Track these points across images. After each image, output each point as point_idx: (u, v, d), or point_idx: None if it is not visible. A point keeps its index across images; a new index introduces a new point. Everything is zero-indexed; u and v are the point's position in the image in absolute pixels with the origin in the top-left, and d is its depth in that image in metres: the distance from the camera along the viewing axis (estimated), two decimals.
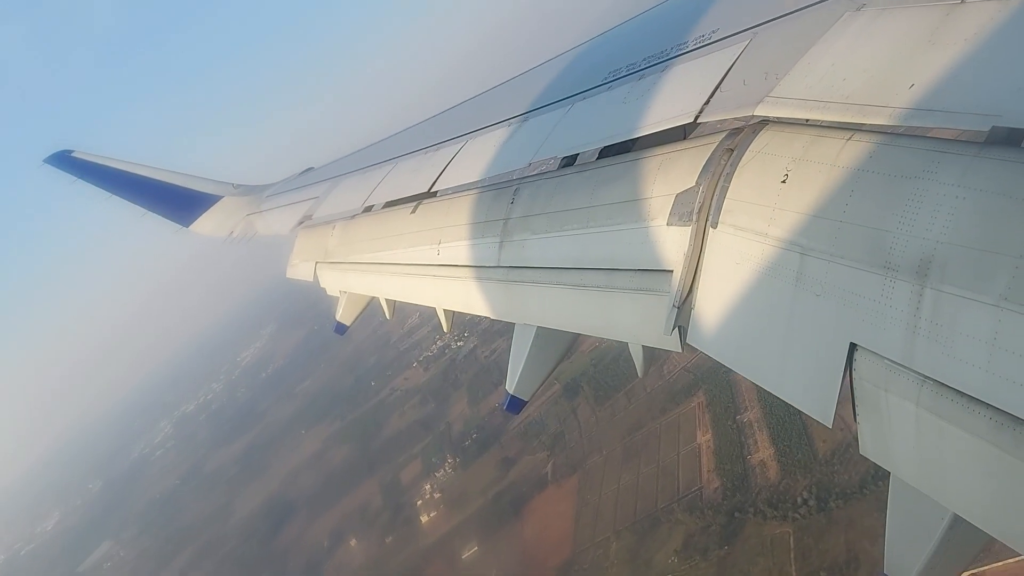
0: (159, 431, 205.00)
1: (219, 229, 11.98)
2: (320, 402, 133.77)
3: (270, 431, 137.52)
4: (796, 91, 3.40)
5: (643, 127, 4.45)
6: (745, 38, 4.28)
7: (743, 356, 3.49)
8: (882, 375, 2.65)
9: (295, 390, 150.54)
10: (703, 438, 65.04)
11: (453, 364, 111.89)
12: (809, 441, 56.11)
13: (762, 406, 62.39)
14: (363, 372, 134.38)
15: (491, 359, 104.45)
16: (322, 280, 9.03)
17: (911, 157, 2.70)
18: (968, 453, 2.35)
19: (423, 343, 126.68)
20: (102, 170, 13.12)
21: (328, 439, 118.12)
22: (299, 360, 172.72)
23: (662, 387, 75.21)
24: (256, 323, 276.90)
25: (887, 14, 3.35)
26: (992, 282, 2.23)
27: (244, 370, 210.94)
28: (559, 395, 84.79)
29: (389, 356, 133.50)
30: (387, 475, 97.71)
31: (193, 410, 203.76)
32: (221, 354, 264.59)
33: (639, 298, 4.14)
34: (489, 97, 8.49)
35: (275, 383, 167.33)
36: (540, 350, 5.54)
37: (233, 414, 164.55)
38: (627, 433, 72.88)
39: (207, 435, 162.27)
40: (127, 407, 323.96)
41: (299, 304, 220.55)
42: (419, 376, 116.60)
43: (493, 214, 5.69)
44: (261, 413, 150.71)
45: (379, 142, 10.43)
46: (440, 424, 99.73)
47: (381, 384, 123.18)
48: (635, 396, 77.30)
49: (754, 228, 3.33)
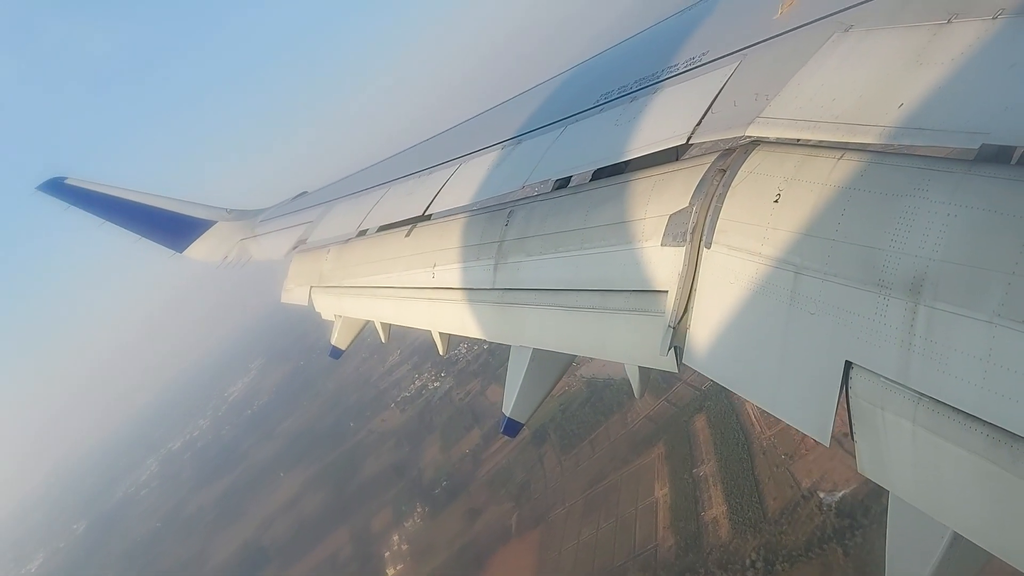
0: (145, 469, 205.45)
1: (213, 254, 11.93)
2: (300, 443, 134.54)
3: (250, 472, 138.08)
4: (786, 111, 3.43)
5: (636, 149, 4.49)
6: (735, 60, 4.32)
7: (739, 376, 3.50)
8: (878, 393, 2.65)
9: (277, 429, 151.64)
10: (660, 492, 64.65)
11: (428, 406, 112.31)
12: (760, 498, 55.81)
13: (718, 459, 62.29)
14: (343, 411, 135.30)
15: (465, 401, 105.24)
16: (317, 304, 9.01)
17: (902, 175, 2.73)
18: (965, 470, 2.35)
19: (402, 382, 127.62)
20: (95, 197, 13.11)
21: (305, 483, 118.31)
22: (283, 397, 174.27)
23: (625, 436, 74.97)
24: (246, 355, 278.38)
25: (875, 35, 3.39)
26: (985, 298, 2.24)
27: (231, 406, 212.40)
28: (527, 441, 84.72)
29: (369, 395, 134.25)
30: (359, 522, 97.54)
31: (179, 448, 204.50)
32: (210, 387, 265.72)
33: (634, 319, 4.14)
34: (482, 120, 8.56)
35: (259, 421, 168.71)
36: (536, 372, 5.51)
37: (216, 453, 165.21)
38: (589, 485, 72.58)
39: (190, 475, 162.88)
40: (118, 440, 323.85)
41: (288, 337, 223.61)
42: (396, 418, 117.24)
43: (488, 236, 5.72)
44: (243, 453, 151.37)
45: (373, 166, 10.50)
46: (412, 470, 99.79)
47: (359, 425, 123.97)
48: (599, 445, 77.04)
49: (748, 248, 3.36)
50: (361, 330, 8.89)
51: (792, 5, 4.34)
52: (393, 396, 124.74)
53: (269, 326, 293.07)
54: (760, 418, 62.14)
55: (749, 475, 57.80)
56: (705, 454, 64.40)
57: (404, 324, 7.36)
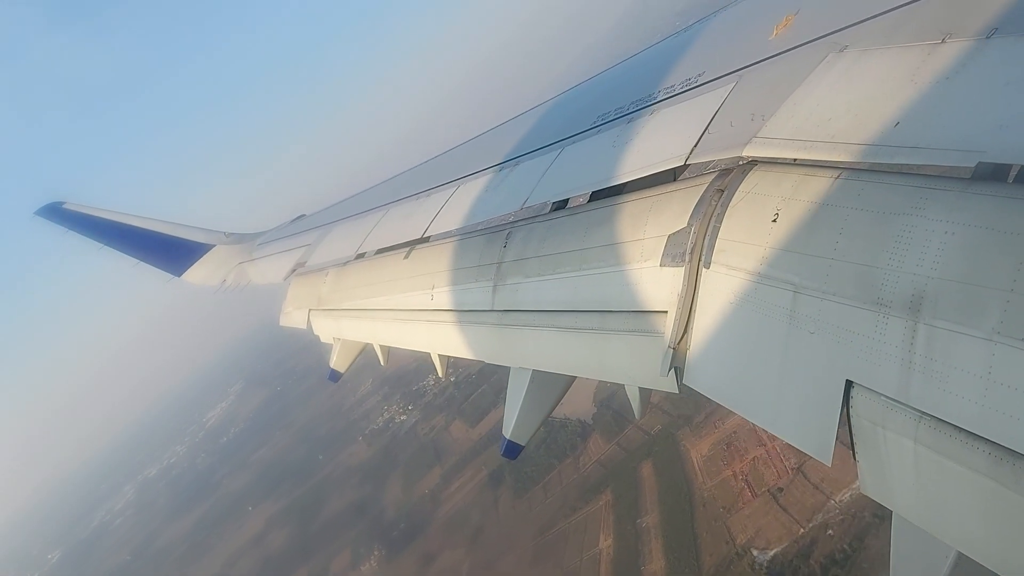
0: (122, 496, 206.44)
1: (211, 278, 11.91)
2: (271, 475, 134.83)
3: (221, 505, 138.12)
4: (783, 131, 3.44)
5: (633, 170, 4.49)
6: (731, 81, 4.34)
7: (739, 396, 3.48)
8: (879, 412, 2.64)
9: (251, 458, 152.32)
10: (605, 543, 64.15)
11: (394, 441, 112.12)
12: (697, 554, 55.29)
13: (661, 509, 62.07)
14: (314, 442, 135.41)
15: (429, 437, 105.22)
16: (315, 327, 8.97)
17: (899, 194, 2.74)
18: (967, 489, 2.34)
19: (371, 413, 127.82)
20: (93, 221, 13.12)
21: (272, 518, 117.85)
22: (259, 424, 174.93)
23: (576, 481, 74.57)
24: (226, 378, 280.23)
25: (870, 55, 3.40)
26: (984, 316, 2.25)
27: (208, 432, 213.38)
28: (484, 483, 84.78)
29: (339, 426, 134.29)
30: (319, 564, 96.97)
31: (156, 475, 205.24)
32: (190, 411, 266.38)
33: (634, 340, 4.13)
34: (480, 142, 8.59)
35: (233, 449, 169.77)
36: (535, 394, 5.49)
37: (191, 482, 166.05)
38: (539, 532, 72.01)
39: (164, 505, 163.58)
40: (101, 462, 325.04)
41: (267, 361, 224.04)
42: (363, 452, 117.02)
43: (486, 258, 5.72)
44: (215, 484, 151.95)
45: (371, 188, 10.55)
46: (374, 508, 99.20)
47: (328, 458, 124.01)
48: (552, 489, 76.48)
49: (746, 267, 3.36)
50: (360, 353, 8.86)
51: (787, 26, 4.39)
52: (362, 428, 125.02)
53: (249, 348, 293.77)
54: (703, 467, 62.29)
55: (689, 528, 57.58)
56: (650, 503, 64.09)
57: (403, 346, 7.33)
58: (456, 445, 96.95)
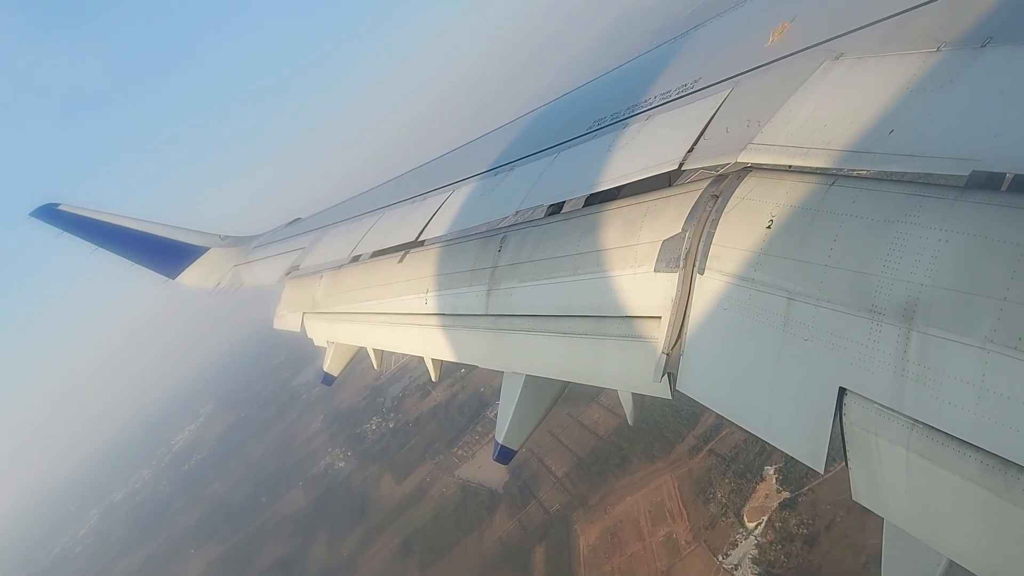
0: (86, 521, 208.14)
1: (206, 280, 11.90)
2: (216, 515, 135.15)
3: (169, 544, 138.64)
4: (778, 138, 3.44)
5: (628, 175, 4.48)
6: (727, 87, 4.34)
7: (733, 402, 3.48)
8: (872, 419, 2.64)
9: (204, 492, 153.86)
10: None
11: (329, 491, 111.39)
12: None
13: None
14: (261, 481, 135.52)
15: (360, 489, 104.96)
16: (309, 331, 8.96)
17: (893, 201, 2.74)
18: (959, 497, 2.34)
19: (316, 454, 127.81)
20: (88, 223, 13.07)
21: (208, 566, 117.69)
22: (219, 454, 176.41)
23: (477, 559, 73.40)
24: (201, 395, 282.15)
25: (865, 62, 3.41)
26: (977, 324, 2.25)
27: (175, 456, 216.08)
28: (396, 552, 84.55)
29: (287, 464, 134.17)
30: None
31: (120, 500, 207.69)
32: (163, 430, 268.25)
33: (628, 345, 4.12)
34: (475, 146, 8.58)
35: (193, 479, 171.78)
36: (529, 399, 5.47)
37: (149, 513, 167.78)
38: None
39: (120, 536, 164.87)
40: (79, 479, 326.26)
41: (239, 380, 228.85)
42: (299, 500, 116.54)
43: (480, 262, 5.72)
44: (169, 519, 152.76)
45: (366, 192, 10.54)
46: (296, 568, 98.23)
47: (269, 502, 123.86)
48: (455, 564, 75.58)
49: (740, 273, 3.36)
50: (353, 357, 8.86)
51: (782, 33, 4.40)
52: (305, 470, 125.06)
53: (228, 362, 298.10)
54: (587, 558, 62.01)
55: None
56: None
57: (396, 350, 7.34)
58: (382, 503, 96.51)
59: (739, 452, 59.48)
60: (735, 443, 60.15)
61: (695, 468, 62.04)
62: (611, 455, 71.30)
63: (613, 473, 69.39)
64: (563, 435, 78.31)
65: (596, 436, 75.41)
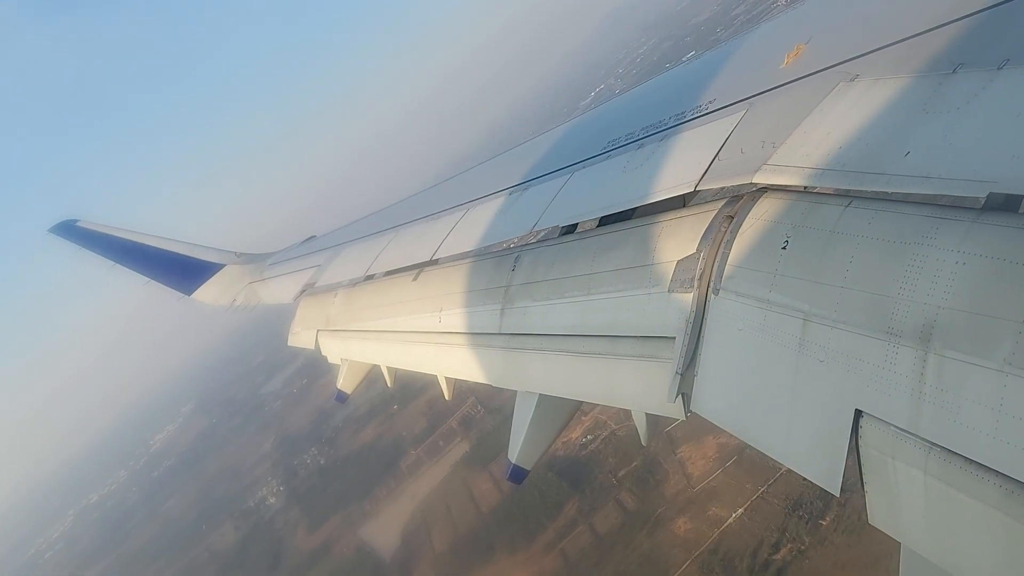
0: (62, 523, 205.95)
1: (221, 297, 12.03)
2: (162, 539, 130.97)
3: (119, 563, 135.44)
4: (793, 159, 3.44)
5: (643, 196, 4.50)
6: (741, 108, 4.34)
7: (747, 424, 3.45)
8: (888, 442, 2.61)
9: (160, 508, 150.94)
10: None
11: (253, 532, 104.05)
12: None
13: None
14: (207, 505, 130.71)
15: (278, 535, 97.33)
16: (324, 348, 9.01)
17: (909, 223, 2.73)
18: (978, 522, 2.31)
19: (256, 484, 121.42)
20: (106, 239, 13.26)
21: None
22: (184, 464, 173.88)
23: None
24: (185, 394, 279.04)
25: (881, 84, 3.40)
26: (996, 347, 2.22)
27: (150, 459, 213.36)
28: None
29: (233, 490, 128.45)
30: None
31: (95, 502, 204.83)
32: (144, 428, 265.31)
33: (642, 365, 4.11)
34: (490, 165, 8.66)
35: (156, 489, 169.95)
36: (542, 418, 5.47)
37: (114, 522, 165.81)
38: None
39: (85, 546, 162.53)
40: (59, 481, 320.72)
41: (219, 380, 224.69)
42: (227, 537, 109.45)
43: (494, 281, 5.73)
44: (126, 534, 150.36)
45: (381, 210, 10.65)
46: None
47: (207, 531, 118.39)
48: None
49: (755, 294, 3.35)
50: (367, 374, 8.91)
51: (798, 55, 4.42)
52: (240, 504, 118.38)
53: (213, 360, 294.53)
54: None
55: None
56: None
57: (410, 368, 7.36)
58: (291, 555, 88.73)
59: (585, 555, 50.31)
60: (583, 545, 51.32)
61: (545, 569, 53.27)
62: (480, 541, 61.59)
63: (478, 561, 59.85)
64: (454, 503, 69.22)
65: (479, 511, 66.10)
